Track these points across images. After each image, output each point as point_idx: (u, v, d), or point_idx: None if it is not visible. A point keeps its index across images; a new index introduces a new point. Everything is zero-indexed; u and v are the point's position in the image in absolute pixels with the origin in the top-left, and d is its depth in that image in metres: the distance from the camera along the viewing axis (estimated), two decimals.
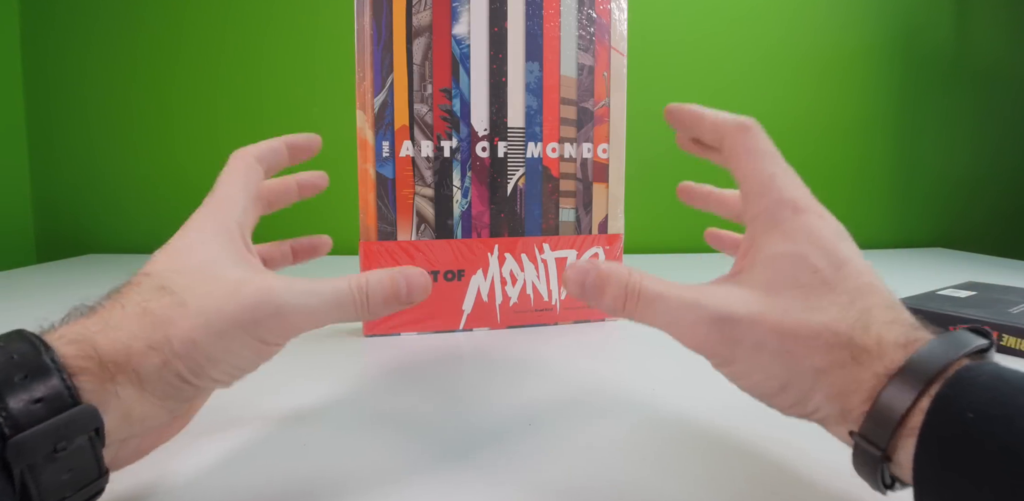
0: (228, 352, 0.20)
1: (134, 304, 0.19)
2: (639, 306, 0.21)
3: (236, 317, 0.19)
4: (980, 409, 0.15)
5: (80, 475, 0.17)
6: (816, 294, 0.19)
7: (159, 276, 0.21)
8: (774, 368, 0.19)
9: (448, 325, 0.47)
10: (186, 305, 0.19)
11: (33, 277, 0.69)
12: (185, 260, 0.21)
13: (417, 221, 0.45)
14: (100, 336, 0.18)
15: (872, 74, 0.99)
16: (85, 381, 0.17)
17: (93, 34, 0.86)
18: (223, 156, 0.29)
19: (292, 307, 0.20)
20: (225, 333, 0.19)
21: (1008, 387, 0.16)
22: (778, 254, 0.21)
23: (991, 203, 1.08)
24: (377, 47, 0.43)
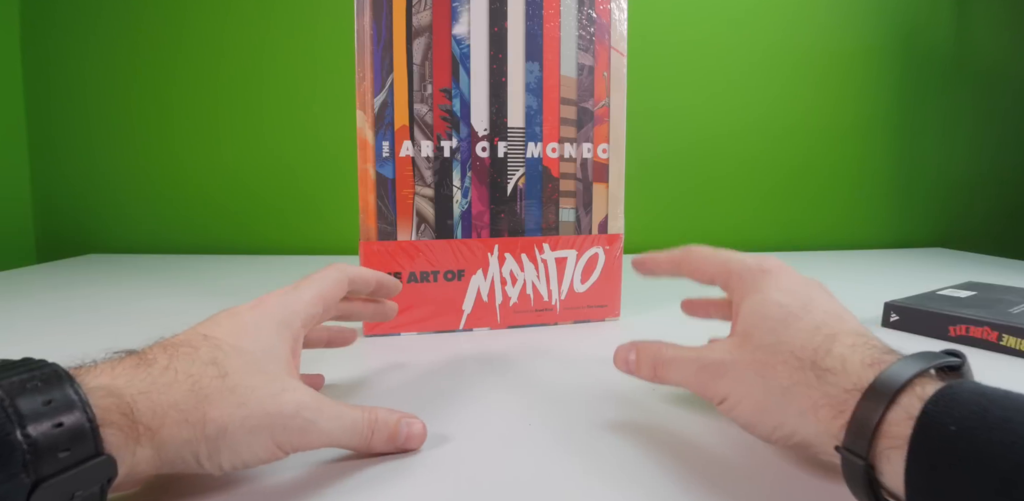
0: (248, 447, 0.21)
1: (186, 374, 0.20)
2: (661, 371, 0.28)
3: (271, 420, 0.21)
4: (962, 423, 0.17)
5: None
6: (784, 324, 0.23)
7: (216, 348, 0.22)
8: (753, 393, 0.23)
9: (448, 325, 0.47)
10: (234, 392, 0.21)
11: (33, 277, 0.69)
12: (246, 340, 0.23)
13: (417, 221, 0.45)
14: (142, 397, 0.19)
15: (872, 74, 0.99)
16: (111, 434, 0.18)
17: (93, 34, 0.86)
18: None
19: (317, 428, 0.23)
20: (255, 430, 0.21)
21: (987, 401, 0.17)
22: (752, 304, 0.25)
23: (991, 203, 1.08)
24: (377, 47, 0.43)
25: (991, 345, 0.43)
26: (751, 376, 0.23)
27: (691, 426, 0.30)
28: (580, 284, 0.49)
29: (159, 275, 0.71)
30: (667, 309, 0.55)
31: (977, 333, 0.44)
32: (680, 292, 0.40)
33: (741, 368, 0.24)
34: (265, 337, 0.23)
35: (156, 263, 0.79)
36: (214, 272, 0.73)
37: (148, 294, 0.60)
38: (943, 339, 0.45)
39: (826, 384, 0.21)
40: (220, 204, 0.90)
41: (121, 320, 0.50)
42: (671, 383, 0.28)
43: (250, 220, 0.90)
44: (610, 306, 0.51)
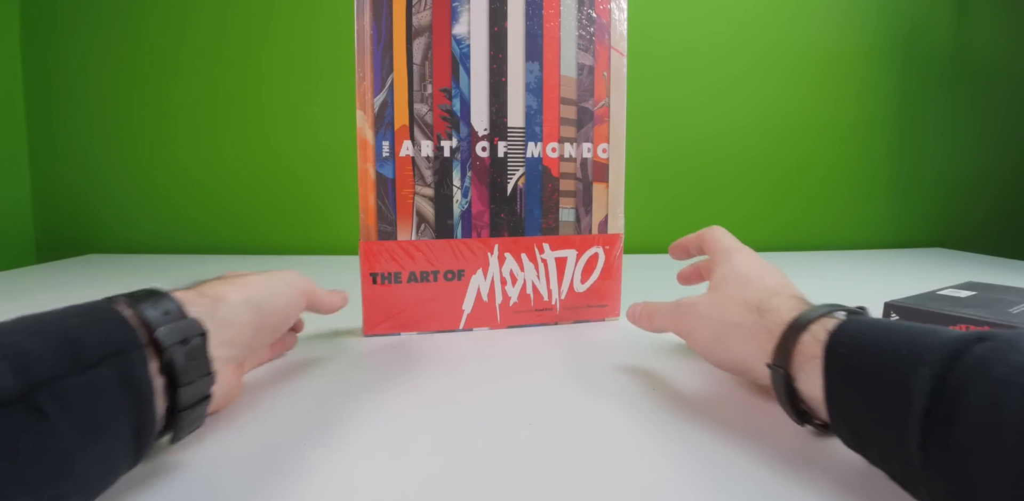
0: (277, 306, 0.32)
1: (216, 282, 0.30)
2: (654, 318, 0.37)
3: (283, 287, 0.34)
4: (848, 345, 0.24)
5: (201, 367, 0.24)
6: (743, 284, 0.33)
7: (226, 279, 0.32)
8: (711, 326, 0.32)
9: (448, 325, 0.47)
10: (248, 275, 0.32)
11: (33, 277, 0.69)
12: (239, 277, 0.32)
13: (417, 221, 0.45)
14: (206, 288, 0.29)
15: (872, 74, 0.99)
16: (193, 307, 0.26)
17: (93, 35, 0.86)
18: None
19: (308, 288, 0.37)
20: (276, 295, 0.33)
21: (867, 330, 0.24)
22: (723, 269, 0.35)
23: (991, 203, 1.08)
24: (377, 47, 0.43)
25: None
26: (712, 313, 0.32)
27: (691, 426, 0.30)
28: (580, 284, 0.49)
29: (159, 275, 0.71)
30: None
31: None
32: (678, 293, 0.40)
33: (707, 309, 0.32)
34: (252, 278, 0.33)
35: (156, 263, 0.79)
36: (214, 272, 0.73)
37: None
38: None
39: (765, 320, 0.29)
40: (220, 204, 0.90)
41: None
42: (658, 326, 0.37)
43: (250, 220, 0.90)
44: (610, 306, 0.51)
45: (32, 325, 0.20)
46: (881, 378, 0.21)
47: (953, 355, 0.19)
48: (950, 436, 0.18)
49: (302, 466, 0.26)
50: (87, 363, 0.19)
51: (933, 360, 0.19)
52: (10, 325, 0.20)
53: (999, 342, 0.19)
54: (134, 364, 0.21)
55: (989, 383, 0.18)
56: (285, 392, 0.34)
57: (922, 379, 0.19)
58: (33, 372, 0.18)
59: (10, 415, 0.16)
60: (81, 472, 0.18)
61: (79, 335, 0.20)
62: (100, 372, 0.19)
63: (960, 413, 0.18)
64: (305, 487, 0.24)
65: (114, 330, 0.21)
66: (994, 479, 0.17)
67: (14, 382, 0.17)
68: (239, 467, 0.25)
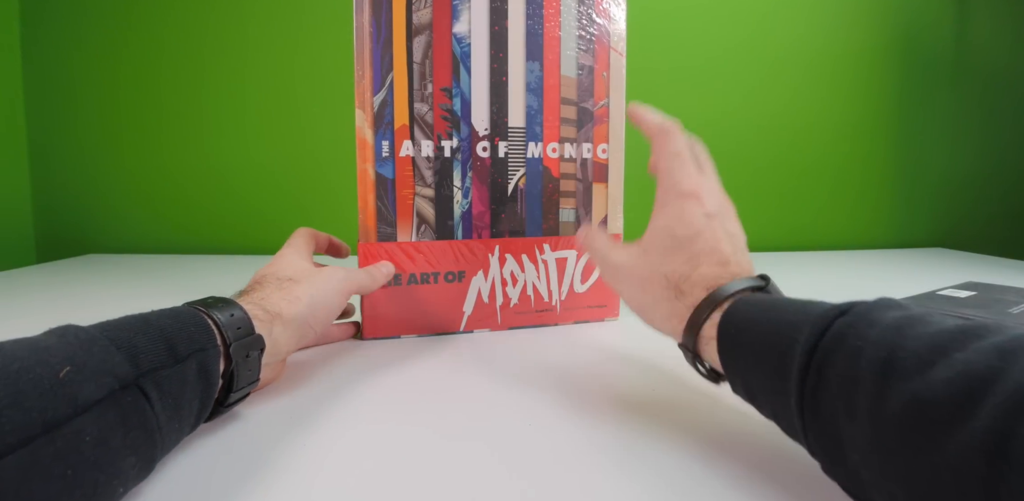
0: (328, 299, 0.36)
1: (272, 288, 0.34)
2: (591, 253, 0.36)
3: (335, 284, 0.37)
4: (737, 324, 0.26)
5: (252, 375, 0.29)
6: (670, 252, 0.31)
7: (274, 275, 0.36)
8: (637, 296, 0.32)
9: (448, 327, 0.47)
10: (302, 282, 0.35)
11: (33, 277, 0.69)
12: (285, 266, 0.37)
13: (417, 222, 0.45)
14: (264, 301, 0.32)
15: (873, 74, 0.98)
16: (256, 322, 0.30)
17: (92, 38, 0.86)
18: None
19: (359, 278, 0.39)
20: (323, 288, 0.36)
21: (752, 309, 0.26)
22: (658, 226, 0.32)
23: (992, 203, 1.08)
24: (376, 45, 0.42)
25: None
26: (634, 283, 0.32)
27: (692, 427, 0.30)
28: (580, 284, 0.49)
29: (157, 275, 0.71)
30: None
31: None
32: None
33: (631, 278, 0.32)
34: (290, 258, 0.39)
35: (154, 263, 0.79)
36: (209, 272, 0.73)
37: (146, 294, 0.60)
38: None
39: (678, 302, 0.30)
40: (217, 205, 0.90)
41: None
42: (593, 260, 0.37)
43: (246, 221, 0.90)
44: (610, 306, 0.51)
45: (140, 324, 0.24)
46: (765, 353, 0.24)
47: (818, 332, 0.22)
48: (819, 403, 0.21)
49: (301, 467, 0.26)
50: (179, 357, 0.24)
51: (803, 338, 0.22)
52: (124, 323, 0.24)
53: (854, 316, 0.21)
54: (210, 359, 0.26)
55: (845, 355, 0.20)
56: (284, 395, 0.34)
57: (796, 354, 0.22)
58: (141, 363, 0.22)
59: (125, 395, 0.21)
60: (163, 442, 0.23)
61: (173, 334, 0.25)
62: (187, 365, 0.24)
63: (824, 383, 0.21)
64: (304, 489, 0.24)
65: (199, 332, 0.26)
66: (855, 438, 0.19)
67: (129, 370, 0.22)
68: (237, 467, 0.25)
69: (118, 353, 0.22)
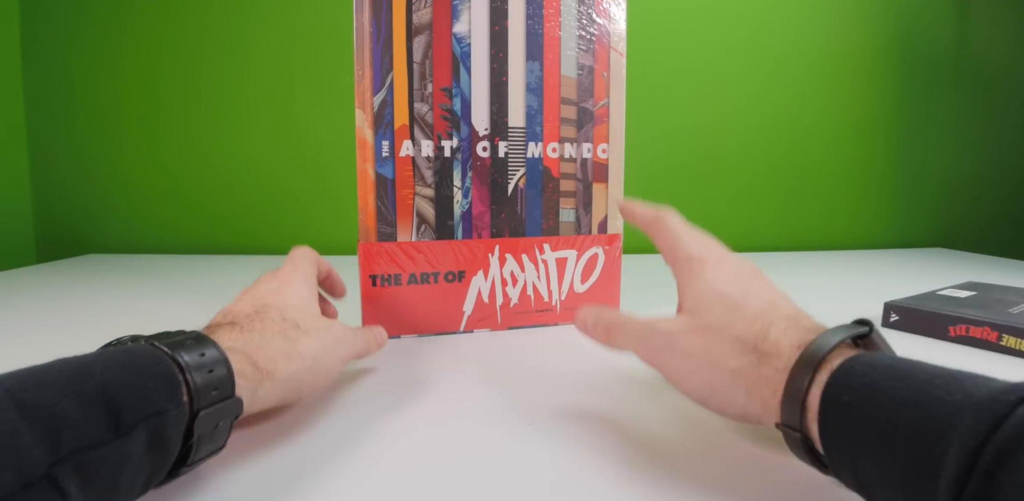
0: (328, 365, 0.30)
1: (274, 331, 0.27)
2: (613, 334, 0.30)
3: (336, 344, 0.31)
4: (854, 392, 0.20)
5: (216, 444, 0.24)
6: (727, 312, 0.26)
7: (278, 309, 0.29)
8: (702, 371, 0.25)
9: (448, 327, 0.47)
10: (308, 333, 0.29)
11: (33, 277, 0.69)
12: (291, 299, 0.31)
13: (417, 222, 0.45)
14: (259, 352, 0.26)
15: (873, 74, 0.98)
16: (241, 380, 0.24)
17: (92, 42, 0.86)
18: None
19: (356, 342, 0.34)
20: (330, 350, 0.30)
21: (875, 372, 0.20)
22: (698, 289, 0.28)
23: (992, 204, 1.08)
24: (376, 45, 0.42)
25: (991, 345, 0.43)
26: (698, 352, 0.25)
27: (692, 426, 0.30)
28: (580, 284, 0.49)
29: (156, 275, 0.71)
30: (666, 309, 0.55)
31: (977, 333, 0.44)
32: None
33: (690, 347, 0.26)
34: (302, 294, 0.32)
35: (153, 263, 0.79)
36: (209, 272, 0.73)
37: (146, 293, 0.60)
38: (943, 339, 0.45)
39: (764, 366, 0.23)
40: (217, 205, 0.90)
41: (120, 318, 0.50)
42: (620, 347, 0.29)
43: (245, 221, 0.90)
44: (610, 306, 0.51)
45: (75, 378, 0.18)
46: (896, 438, 0.18)
47: (990, 421, 0.16)
48: None
49: (301, 468, 0.26)
50: (122, 428, 0.18)
51: (965, 427, 0.16)
52: (54, 375, 0.18)
53: None
54: (169, 424, 0.20)
55: None
56: None
57: (951, 449, 0.16)
58: (62, 442, 0.17)
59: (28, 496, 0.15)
60: None
61: (119, 392, 0.19)
62: (132, 438, 0.19)
63: (997, 494, 0.15)
64: (304, 490, 0.24)
65: (158, 388, 0.20)
66: None
67: (40, 458, 0.16)
68: (236, 468, 0.25)
69: (28, 432, 0.16)
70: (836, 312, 0.54)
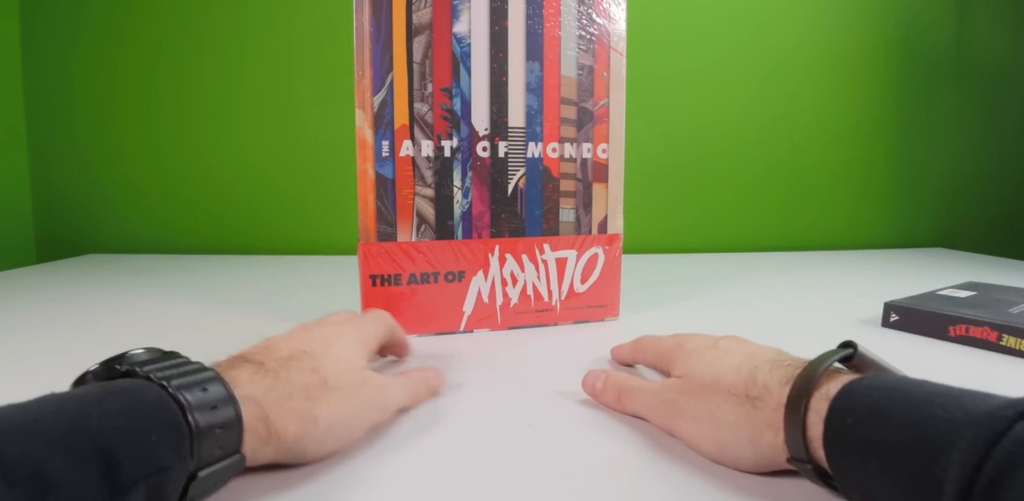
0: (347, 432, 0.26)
1: (298, 384, 0.25)
2: (624, 398, 0.31)
3: (363, 409, 0.27)
4: (856, 414, 0.20)
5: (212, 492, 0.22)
6: (713, 369, 0.27)
7: (315, 358, 0.27)
8: (708, 431, 0.26)
9: (448, 327, 0.47)
10: (333, 393, 0.26)
11: (33, 277, 0.69)
12: (335, 350, 0.28)
13: (417, 222, 0.45)
14: (274, 407, 0.23)
15: (874, 74, 0.98)
16: (249, 438, 0.22)
17: (91, 42, 0.86)
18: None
19: (391, 401, 0.29)
20: (353, 418, 0.27)
21: (876, 393, 0.20)
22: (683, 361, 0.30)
23: (992, 204, 1.08)
24: (376, 45, 0.42)
25: (991, 345, 0.43)
26: (700, 414, 0.27)
27: None
28: (580, 284, 0.49)
29: (156, 275, 0.71)
30: (665, 309, 0.55)
31: (977, 333, 0.44)
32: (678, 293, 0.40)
33: (693, 409, 0.27)
34: (348, 348, 0.29)
35: (153, 263, 0.79)
36: (209, 272, 0.73)
37: (145, 293, 0.60)
38: (943, 339, 0.45)
39: (760, 410, 0.24)
40: (217, 205, 0.90)
41: (120, 318, 0.50)
42: (632, 412, 0.31)
43: (245, 221, 0.90)
44: (609, 306, 0.51)
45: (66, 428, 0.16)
46: (899, 457, 0.18)
47: (988, 437, 0.16)
48: None
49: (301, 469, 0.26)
50: (120, 488, 0.16)
51: (964, 444, 0.17)
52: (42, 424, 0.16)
53: None
54: (170, 483, 0.18)
55: None
56: None
57: (953, 466, 0.16)
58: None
59: None
60: None
61: (120, 449, 0.17)
62: (130, 498, 0.17)
63: None
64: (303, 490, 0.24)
65: (163, 443, 0.18)
66: None
67: None
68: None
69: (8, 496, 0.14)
70: (836, 312, 0.54)
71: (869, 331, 0.48)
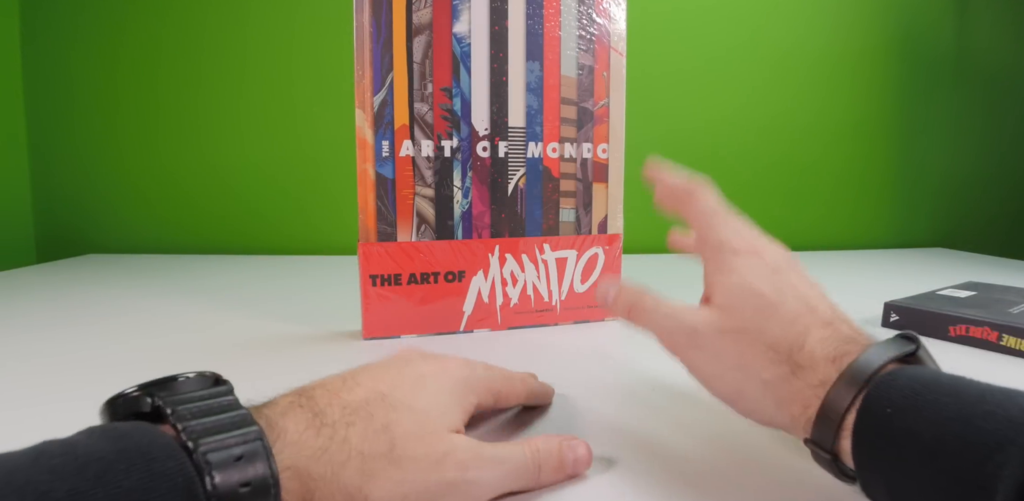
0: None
1: (358, 450, 0.20)
2: (635, 314, 0.27)
3: (430, 492, 0.20)
4: (897, 404, 0.19)
5: None
6: (761, 314, 0.24)
7: (391, 409, 0.21)
8: (731, 376, 0.24)
9: (448, 327, 0.47)
10: (399, 466, 0.20)
11: (33, 277, 0.69)
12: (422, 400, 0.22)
13: (417, 222, 0.45)
14: (321, 483, 0.19)
15: (874, 74, 0.98)
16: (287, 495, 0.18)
17: (91, 42, 0.86)
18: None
19: (480, 483, 0.22)
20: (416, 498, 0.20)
21: (919, 386, 0.19)
22: (730, 284, 0.25)
23: (992, 203, 1.08)
24: (377, 45, 0.42)
25: (991, 345, 0.43)
26: (727, 356, 0.24)
27: (692, 427, 0.30)
28: (580, 284, 0.49)
29: (156, 275, 0.71)
30: None
31: (977, 333, 0.44)
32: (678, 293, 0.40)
33: (720, 348, 0.24)
34: (440, 398, 0.23)
35: (153, 263, 0.79)
36: (209, 272, 0.73)
37: (146, 293, 0.60)
38: (943, 339, 0.45)
39: (797, 379, 0.22)
40: (217, 205, 0.90)
41: (120, 318, 0.50)
42: (643, 327, 0.27)
43: (245, 221, 0.90)
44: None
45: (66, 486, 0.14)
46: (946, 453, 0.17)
47: None
48: None
49: None
50: None
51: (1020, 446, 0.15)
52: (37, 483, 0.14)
53: None
54: None
55: None
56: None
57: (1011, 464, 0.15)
58: None
59: None
60: None
61: None
62: None
63: None
64: None
65: None
66: None
67: None
68: None
69: None
70: None
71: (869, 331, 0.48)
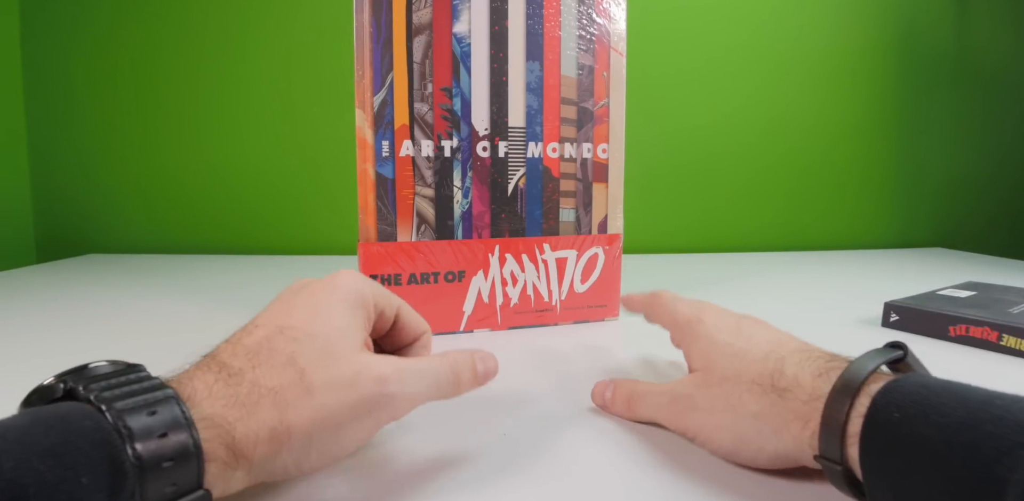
0: (336, 442, 0.21)
1: (267, 388, 0.20)
2: (634, 404, 0.30)
3: (354, 411, 0.21)
4: (905, 409, 0.19)
5: None
6: (736, 360, 0.26)
7: (293, 340, 0.22)
8: (726, 423, 0.25)
9: (448, 327, 0.47)
10: (312, 394, 0.20)
11: (33, 277, 0.69)
12: (319, 324, 0.23)
13: (417, 222, 0.45)
14: (239, 424, 0.19)
15: (874, 75, 0.99)
16: (212, 468, 0.18)
17: (91, 42, 0.86)
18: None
19: (402, 395, 0.22)
20: (340, 426, 0.21)
21: (927, 391, 0.19)
22: (703, 347, 0.28)
23: (992, 204, 1.08)
24: (377, 45, 0.42)
25: (991, 345, 0.43)
26: (718, 405, 0.25)
27: None
28: (580, 284, 0.49)
29: (156, 275, 0.71)
30: None
31: (977, 333, 0.44)
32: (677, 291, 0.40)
33: (710, 401, 0.26)
34: (338, 318, 0.23)
35: (153, 263, 0.79)
36: (209, 272, 0.73)
37: (146, 293, 0.60)
38: (943, 339, 0.45)
39: (788, 401, 0.23)
40: (217, 205, 0.90)
41: (120, 318, 0.50)
42: (644, 418, 0.30)
43: (245, 221, 0.90)
44: (609, 306, 0.51)
45: None
46: (955, 457, 0.17)
47: None
48: None
49: None
50: None
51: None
52: None
53: None
54: None
55: None
56: None
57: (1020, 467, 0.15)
58: None
59: None
60: None
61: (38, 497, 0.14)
62: None
63: None
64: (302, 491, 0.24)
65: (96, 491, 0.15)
66: None
67: None
68: None
69: None
70: (836, 312, 0.54)
71: (869, 331, 0.48)
